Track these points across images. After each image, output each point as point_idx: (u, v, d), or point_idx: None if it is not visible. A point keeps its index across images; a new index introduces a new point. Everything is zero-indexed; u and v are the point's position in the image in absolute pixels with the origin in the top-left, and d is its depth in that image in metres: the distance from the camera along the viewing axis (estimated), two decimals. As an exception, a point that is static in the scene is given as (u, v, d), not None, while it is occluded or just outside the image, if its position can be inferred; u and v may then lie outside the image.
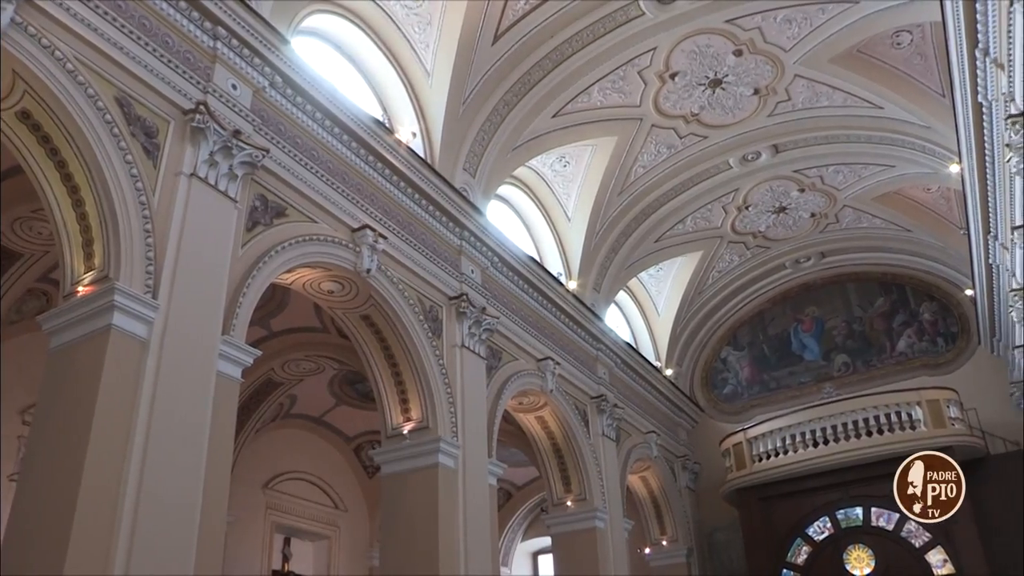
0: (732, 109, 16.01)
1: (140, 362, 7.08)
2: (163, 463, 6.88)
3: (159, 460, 6.85)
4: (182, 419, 7.23)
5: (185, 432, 7.23)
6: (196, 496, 7.12)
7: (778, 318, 23.15)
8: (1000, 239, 13.54)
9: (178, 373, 7.32)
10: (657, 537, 19.95)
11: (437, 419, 11.20)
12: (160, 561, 6.61)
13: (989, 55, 9.55)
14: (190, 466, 7.17)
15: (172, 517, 6.82)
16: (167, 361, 7.24)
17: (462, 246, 12.84)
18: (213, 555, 7.25)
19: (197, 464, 7.25)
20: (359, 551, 18.33)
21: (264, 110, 9.36)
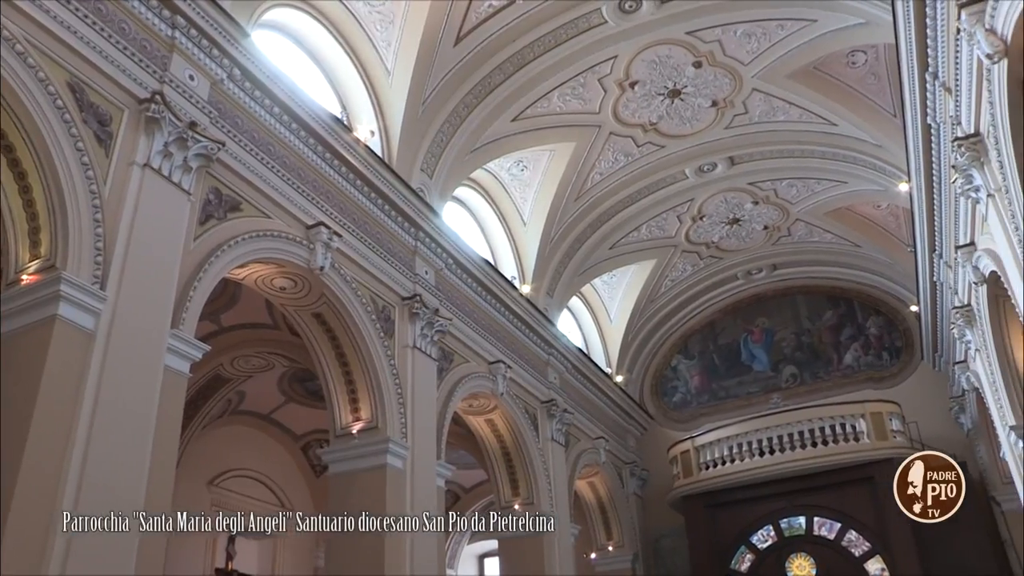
0: (690, 120, 16.16)
1: (86, 354, 6.93)
2: (106, 458, 6.74)
3: (102, 455, 6.71)
4: (127, 413, 7.08)
5: (130, 427, 7.09)
6: (139, 493, 6.98)
7: (729, 328, 23.42)
8: (944, 257, 13.84)
9: (125, 366, 7.18)
10: (603, 542, 20.06)
11: (386, 419, 11.13)
12: (100, 558, 6.45)
13: (938, 79, 9.76)
14: (134, 462, 7.03)
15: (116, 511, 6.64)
16: (114, 353, 7.10)
17: (417, 247, 12.79)
18: (155, 553, 7.11)
19: (141, 460, 7.11)
20: (304, 551, 18.13)
21: (221, 103, 9.23)
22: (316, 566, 17.79)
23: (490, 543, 21.93)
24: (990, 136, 8.57)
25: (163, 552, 7.37)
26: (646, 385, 23.82)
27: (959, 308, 13.87)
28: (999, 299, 11.39)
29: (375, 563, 10.17)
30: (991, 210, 9.35)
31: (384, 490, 10.66)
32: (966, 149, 9.31)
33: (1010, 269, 9.36)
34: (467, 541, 23.77)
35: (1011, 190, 8.27)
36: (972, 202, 10.18)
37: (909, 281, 17.94)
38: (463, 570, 24.05)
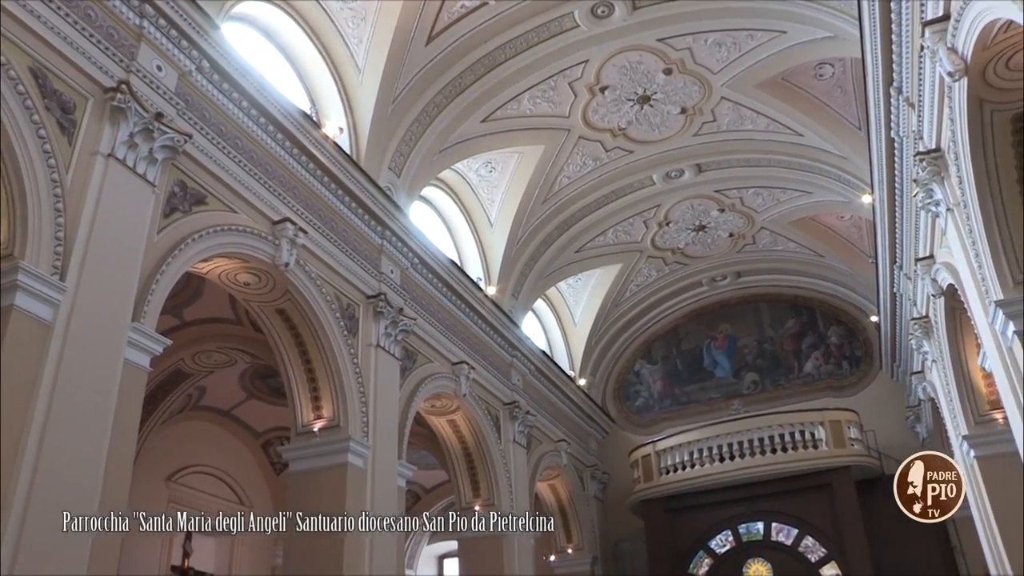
0: (659, 126, 16.27)
1: (43, 345, 6.80)
2: (61, 451, 6.63)
3: (57, 448, 6.60)
4: (84, 407, 6.97)
5: (87, 420, 6.97)
6: (95, 487, 6.88)
7: (692, 334, 23.60)
8: (905, 269, 14.06)
9: (83, 359, 7.07)
10: (563, 545, 20.12)
11: (348, 418, 11.07)
12: (52, 555, 6.35)
13: (902, 94, 9.92)
14: (90, 456, 6.93)
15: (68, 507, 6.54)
16: (72, 346, 6.98)
17: (383, 245, 12.74)
18: (109, 549, 7.01)
19: (98, 454, 7.00)
20: (262, 549, 17.98)
21: (189, 94, 9.13)
22: (274, 565, 17.67)
23: (450, 544, 21.91)
24: (950, 152, 8.73)
25: (118, 548, 7.27)
26: (609, 389, 23.93)
27: (917, 319, 14.09)
28: (956, 311, 11.58)
29: (334, 563, 10.10)
30: (950, 224, 9.52)
31: (344, 489, 10.60)
32: (927, 164, 9.48)
33: (967, 282, 9.53)
34: (427, 541, 23.73)
35: (969, 205, 8.43)
36: (932, 216, 10.36)
37: (870, 292, 18.20)
38: (422, 570, 24.00)
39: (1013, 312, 8.07)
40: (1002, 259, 8.25)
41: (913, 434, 19.50)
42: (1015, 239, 8.18)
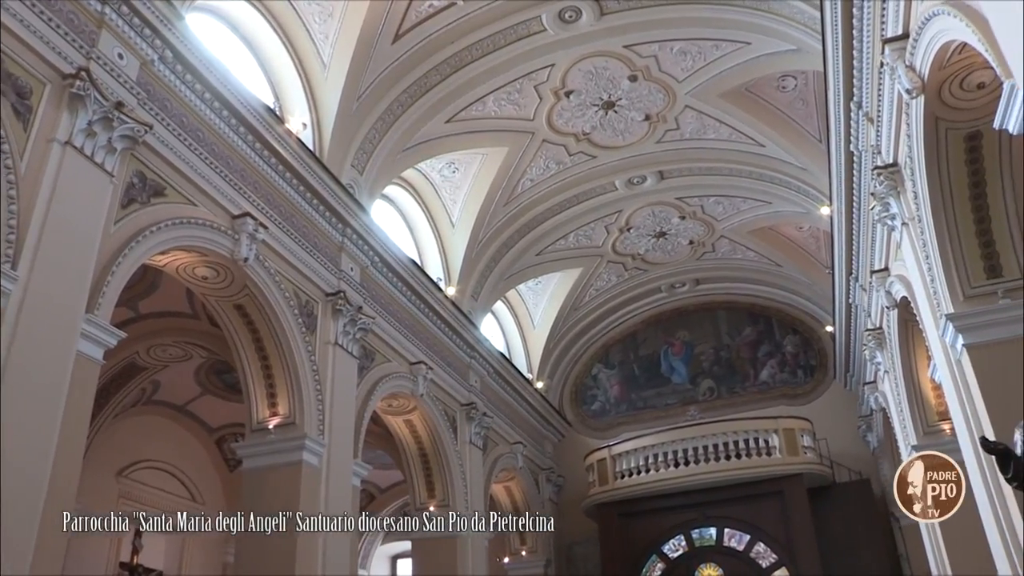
0: (622, 132, 16.37)
1: (-7, 335, 6.67)
2: (9, 443, 6.48)
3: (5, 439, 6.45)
4: (34, 398, 6.84)
5: (36, 412, 6.84)
6: (42, 481, 6.75)
7: (650, 340, 23.75)
8: (860, 281, 14.27)
9: (34, 350, 6.94)
10: (517, 547, 20.15)
11: (304, 416, 10.99)
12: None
13: (862, 109, 10.08)
14: (39, 449, 6.80)
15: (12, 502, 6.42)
16: (23, 336, 6.84)
17: (344, 243, 12.67)
18: (55, 544, 6.89)
19: (46, 447, 6.87)
20: (214, 546, 17.74)
21: (151, 84, 8.99)
22: (225, 562, 17.44)
23: (403, 544, 21.85)
24: (907, 167, 8.89)
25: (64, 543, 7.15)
26: (566, 392, 24.00)
27: (871, 331, 14.33)
28: (909, 324, 11.79)
29: (286, 561, 10.02)
30: (905, 238, 9.69)
31: (299, 487, 10.51)
32: (885, 178, 9.64)
33: (919, 295, 9.71)
34: (380, 541, 23.62)
35: (923, 220, 8.60)
36: (888, 229, 10.54)
37: (826, 302, 18.47)
38: (375, 570, 23.90)
39: (963, 326, 8.24)
40: (953, 273, 8.43)
41: (864, 443, 19.86)
42: (966, 254, 8.36)
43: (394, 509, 22.50)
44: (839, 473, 19.64)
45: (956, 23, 6.34)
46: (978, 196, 8.17)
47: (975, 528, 9.08)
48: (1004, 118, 5.76)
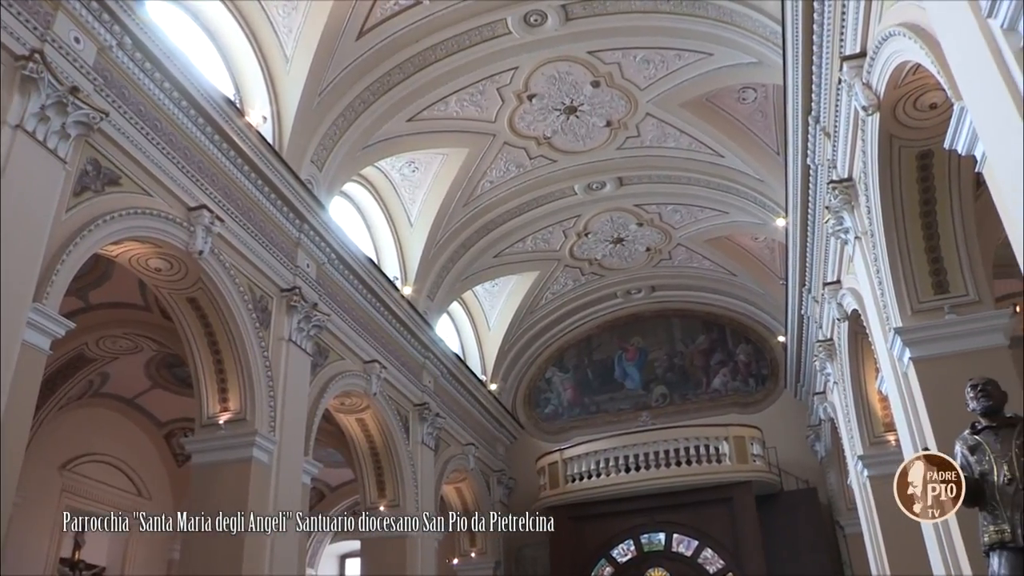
0: (583, 137, 16.44)
1: (-64, 321, 6.51)
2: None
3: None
4: (-23, 387, 6.70)
5: (-21, 402, 6.70)
6: (-17, 471, 6.61)
7: (605, 345, 23.87)
8: (813, 293, 14.49)
9: (-22, 338, 6.79)
10: (466, 548, 20.13)
11: (256, 412, 10.86)
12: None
13: (820, 123, 10.25)
14: (-20, 439, 6.65)
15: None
16: (-33, 324, 6.70)
17: (300, 239, 12.56)
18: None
19: (-12, 437, 6.72)
20: (159, 542, 17.45)
21: (108, 70, 8.81)
22: (171, 559, 17.18)
23: (352, 543, 21.69)
24: (861, 182, 9.06)
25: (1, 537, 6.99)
26: (519, 395, 24.04)
27: (822, 342, 14.55)
28: (859, 336, 11.99)
29: (233, 559, 9.88)
30: (857, 252, 9.86)
31: (248, 483, 10.37)
32: (839, 192, 9.82)
33: (869, 308, 9.88)
34: (329, 540, 23.45)
35: (875, 235, 8.76)
36: (841, 242, 10.71)
37: (779, 312, 18.71)
38: (323, 570, 23.70)
39: (910, 339, 8.42)
40: (903, 288, 8.60)
41: (812, 452, 20.17)
42: (915, 270, 8.54)
43: (344, 508, 22.36)
44: (787, 481, 19.94)
45: (911, 45, 6.47)
46: (928, 213, 8.36)
47: (915, 536, 9.28)
48: (954, 138, 5.90)
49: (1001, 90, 4.74)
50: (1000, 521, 5.33)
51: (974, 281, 8.39)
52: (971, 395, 5.85)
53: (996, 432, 5.58)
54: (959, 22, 5.22)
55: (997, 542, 5.35)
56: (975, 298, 8.38)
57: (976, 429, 5.75)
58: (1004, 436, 5.53)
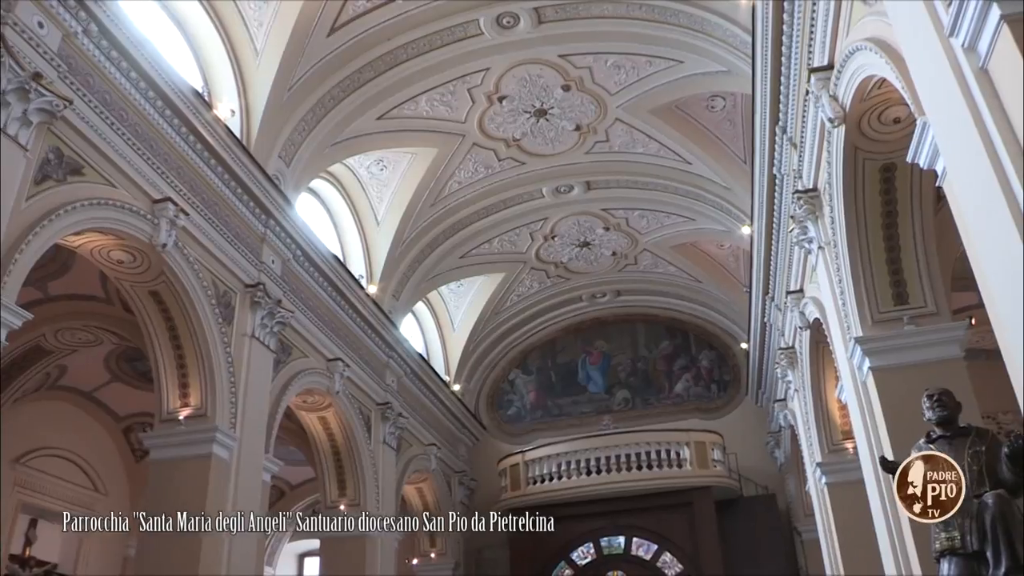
0: (553, 140, 16.48)
1: None
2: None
3: None
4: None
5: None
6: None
7: (569, 348, 23.94)
8: (776, 301, 14.64)
9: (-67, 326, 6.66)
10: (426, 549, 20.10)
11: (216, 408, 10.77)
12: None
13: (787, 133, 10.37)
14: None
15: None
16: (-78, 312, 6.57)
17: (266, 234, 12.46)
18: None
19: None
20: (114, 539, 17.16)
21: (73, 58, 8.65)
22: (126, 556, 16.92)
23: (311, 542, 21.53)
24: (825, 193, 9.17)
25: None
26: (483, 396, 24.03)
27: (784, 350, 14.70)
28: (820, 345, 12.13)
29: (190, 557, 9.77)
30: (820, 261, 9.98)
31: (207, 480, 10.27)
32: (804, 202, 9.93)
33: (831, 318, 10.01)
34: (288, 539, 23.26)
35: (839, 245, 8.88)
36: (805, 252, 10.83)
37: (742, 320, 18.88)
38: (282, 569, 23.50)
39: (870, 349, 8.54)
40: (864, 298, 8.72)
41: (772, 459, 20.38)
42: (876, 280, 8.66)
43: (304, 506, 22.20)
44: (746, 487, 20.13)
45: (877, 59, 6.57)
46: (890, 225, 8.48)
47: (870, 542, 9.42)
48: (916, 153, 6.00)
49: (961, 107, 4.83)
50: (951, 528, 5.44)
51: (933, 293, 8.54)
52: (927, 405, 5.97)
53: (950, 441, 5.70)
54: (923, 39, 5.31)
55: (948, 548, 5.47)
56: (933, 310, 8.53)
57: (931, 438, 5.87)
58: (957, 445, 5.65)
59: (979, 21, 4.52)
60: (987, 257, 5.07)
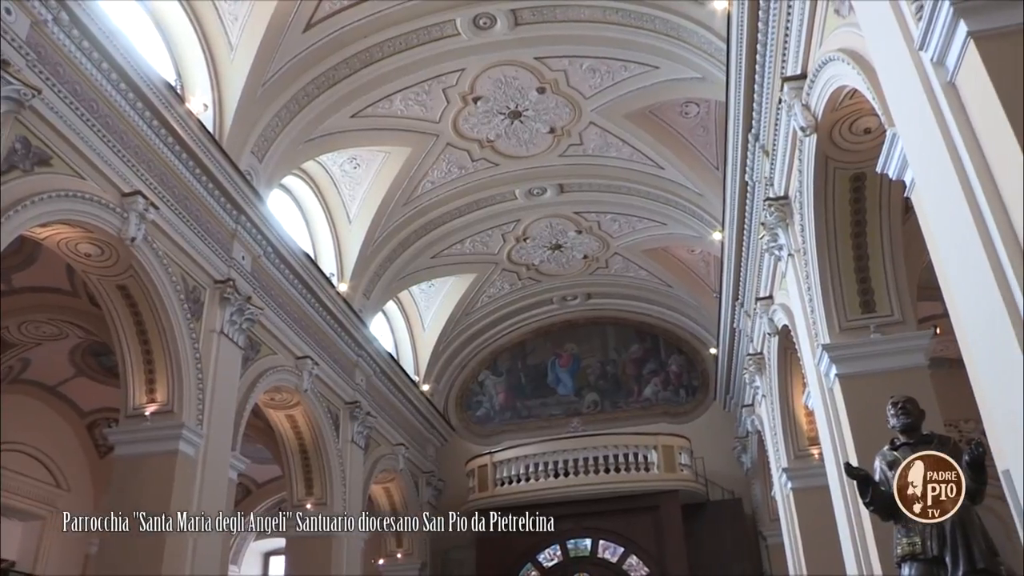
0: (527, 142, 16.49)
1: None
2: None
3: None
4: None
5: None
6: None
7: (539, 350, 23.97)
8: (745, 307, 14.76)
9: None
10: (393, 549, 20.04)
11: (183, 404, 10.67)
12: None
13: (759, 141, 10.46)
14: None
15: None
16: None
17: (237, 230, 12.37)
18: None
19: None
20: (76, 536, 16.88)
21: (42, 46, 8.50)
22: (88, 554, 16.68)
23: (277, 541, 21.42)
24: (796, 201, 9.26)
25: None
26: (452, 397, 24.00)
27: (752, 355, 14.83)
28: (788, 351, 12.24)
29: (154, 555, 9.67)
30: (790, 269, 10.07)
31: (173, 477, 10.18)
32: (775, 209, 10.02)
33: (799, 324, 10.10)
34: (253, 538, 23.10)
35: (808, 252, 8.97)
36: (775, 259, 10.93)
37: (711, 325, 19.01)
38: (247, 568, 23.32)
39: (837, 356, 8.63)
40: (832, 306, 8.81)
41: (739, 464, 20.53)
42: (844, 289, 8.76)
43: (270, 505, 22.06)
44: (713, 491, 20.27)
45: (849, 70, 6.65)
46: (859, 234, 8.58)
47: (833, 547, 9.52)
48: (885, 163, 6.08)
49: (930, 120, 4.90)
50: (912, 534, 5.53)
51: (899, 302, 8.64)
52: (891, 412, 6.05)
53: (913, 448, 5.77)
54: (893, 52, 5.38)
55: (909, 554, 5.56)
56: (899, 319, 8.63)
57: (895, 445, 5.95)
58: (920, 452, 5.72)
59: (947, 36, 4.60)
60: (952, 268, 5.15)
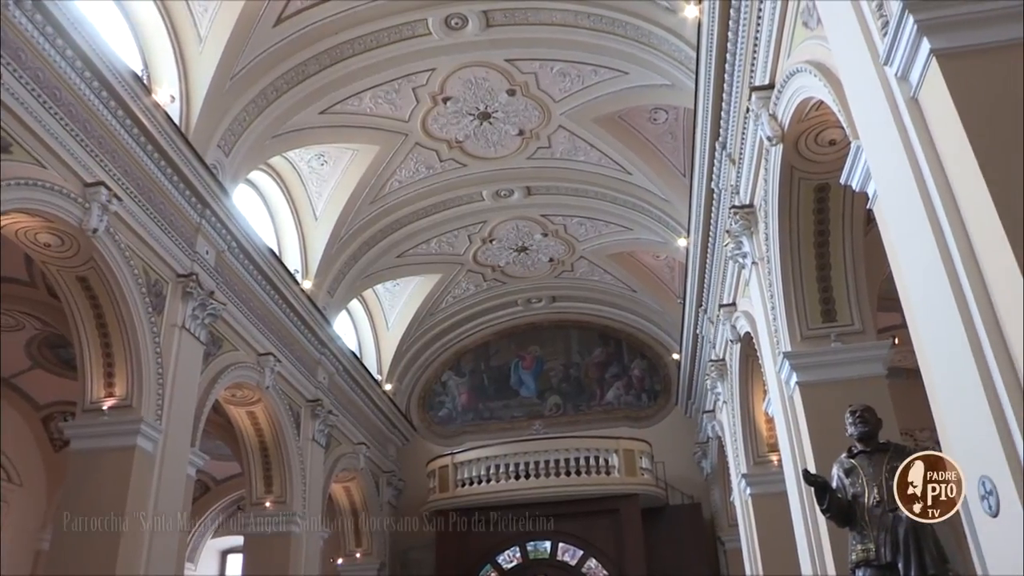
0: (495, 144, 16.50)
1: None
2: None
3: None
4: None
5: None
6: None
7: (502, 351, 23.99)
8: (709, 313, 14.88)
9: None
10: (352, 548, 19.95)
11: (142, 399, 10.53)
12: None
13: (726, 149, 10.56)
14: None
15: None
16: None
17: (201, 224, 12.24)
18: None
19: None
20: (28, 532, 16.60)
21: (3, 30, 8.31)
22: (39, 550, 16.40)
23: (235, 539, 21.21)
24: (761, 210, 9.36)
25: None
26: (414, 397, 23.95)
27: (715, 362, 14.95)
28: (749, 358, 12.36)
29: (108, 552, 9.53)
30: (753, 276, 10.18)
31: (130, 472, 10.04)
32: (740, 217, 10.12)
33: (761, 332, 10.21)
34: (211, 535, 22.84)
35: (772, 261, 9.07)
36: (739, 266, 11.04)
37: (675, 330, 19.13)
38: (204, 566, 23.02)
39: (798, 364, 8.74)
40: (794, 314, 8.92)
41: (699, 469, 20.71)
42: (806, 298, 8.87)
43: (229, 502, 21.86)
44: (673, 496, 20.42)
45: (815, 82, 6.73)
46: (822, 244, 8.69)
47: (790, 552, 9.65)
48: (849, 175, 6.17)
49: (893, 134, 4.98)
50: (867, 541, 5.63)
51: (860, 312, 8.77)
52: (850, 420, 6.14)
53: (870, 456, 5.88)
54: (859, 66, 5.47)
55: (863, 560, 5.66)
56: (860, 328, 8.76)
57: (852, 453, 6.05)
58: (876, 460, 5.83)
59: (911, 53, 4.68)
60: (911, 279, 5.23)
